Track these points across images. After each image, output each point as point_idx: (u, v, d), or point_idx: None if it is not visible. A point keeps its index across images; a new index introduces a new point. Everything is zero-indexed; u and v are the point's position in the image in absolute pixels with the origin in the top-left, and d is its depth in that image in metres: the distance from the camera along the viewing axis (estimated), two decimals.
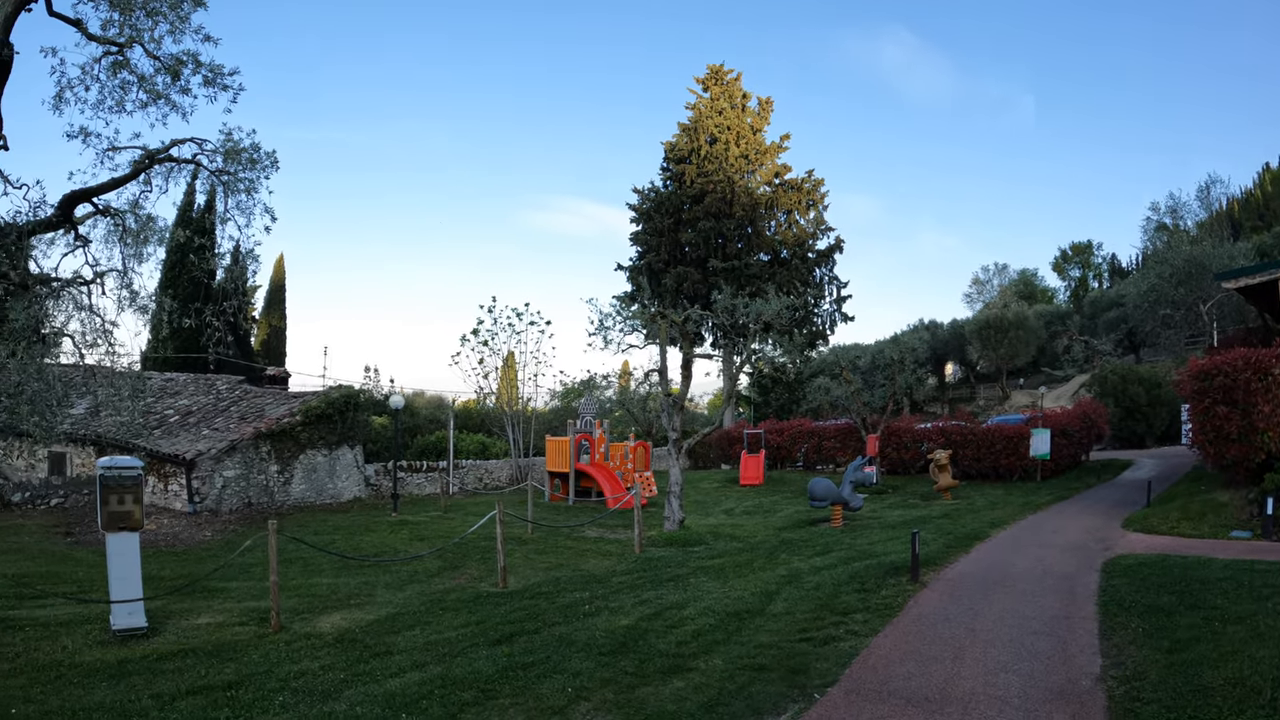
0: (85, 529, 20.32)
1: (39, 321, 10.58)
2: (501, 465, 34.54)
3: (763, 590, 12.35)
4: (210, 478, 22.51)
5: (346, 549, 17.03)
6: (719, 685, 8.04)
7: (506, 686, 8.12)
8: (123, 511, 10.81)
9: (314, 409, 25.50)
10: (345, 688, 8.32)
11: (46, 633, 10.88)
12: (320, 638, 10.42)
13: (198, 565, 16.08)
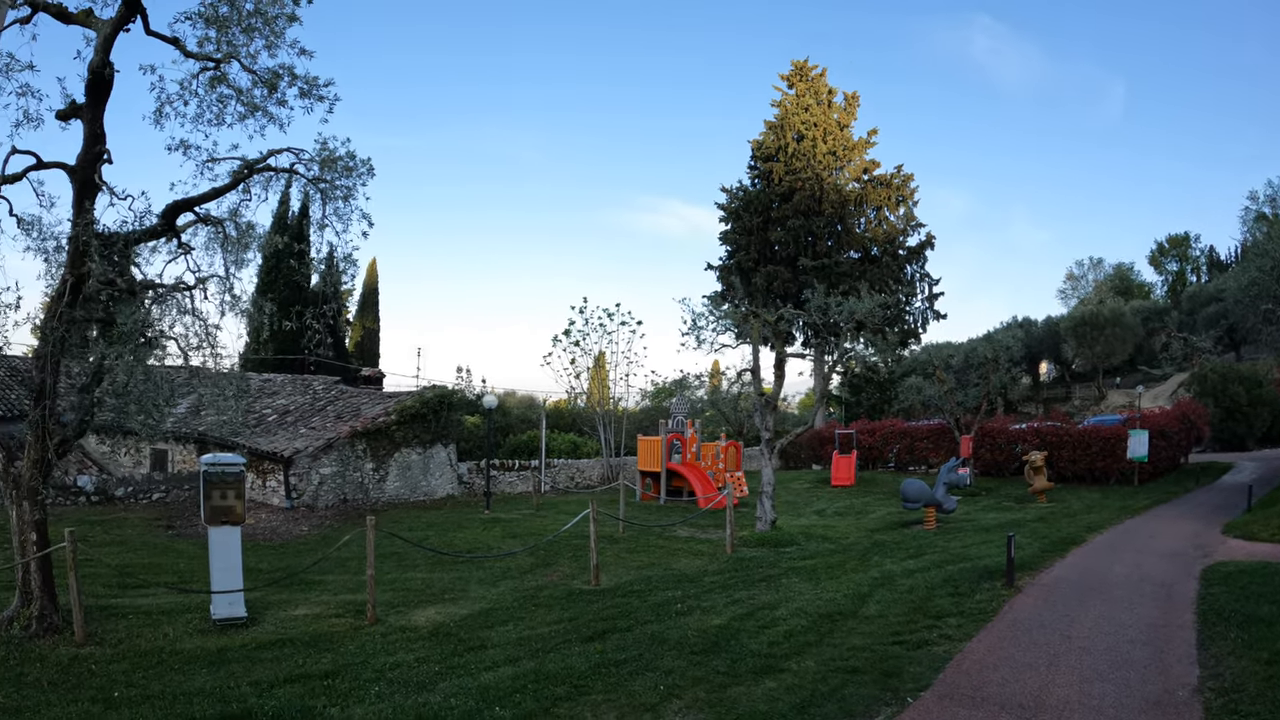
0: (185, 522, 20.91)
1: (145, 325, 10.89)
2: (593, 464, 34.61)
3: (855, 592, 12.26)
4: (307, 474, 23.02)
5: (439, 545, 17.25)
6: (811, 687, 8.00)
7: (599, 683, 8.16)
8: (225, 506, 11.17)
9: (409, 408, 25.93)
10: (440, 680, 8.44)
11: (149, 620, 11.24)
12: (415, 631, 10.58)
13: (295, 559, 16.49)
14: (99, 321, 10.95)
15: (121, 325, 10.75)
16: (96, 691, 8.41)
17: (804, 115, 49.29)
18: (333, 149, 11.45)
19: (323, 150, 11.44)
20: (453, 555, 15.99)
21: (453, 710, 7.51)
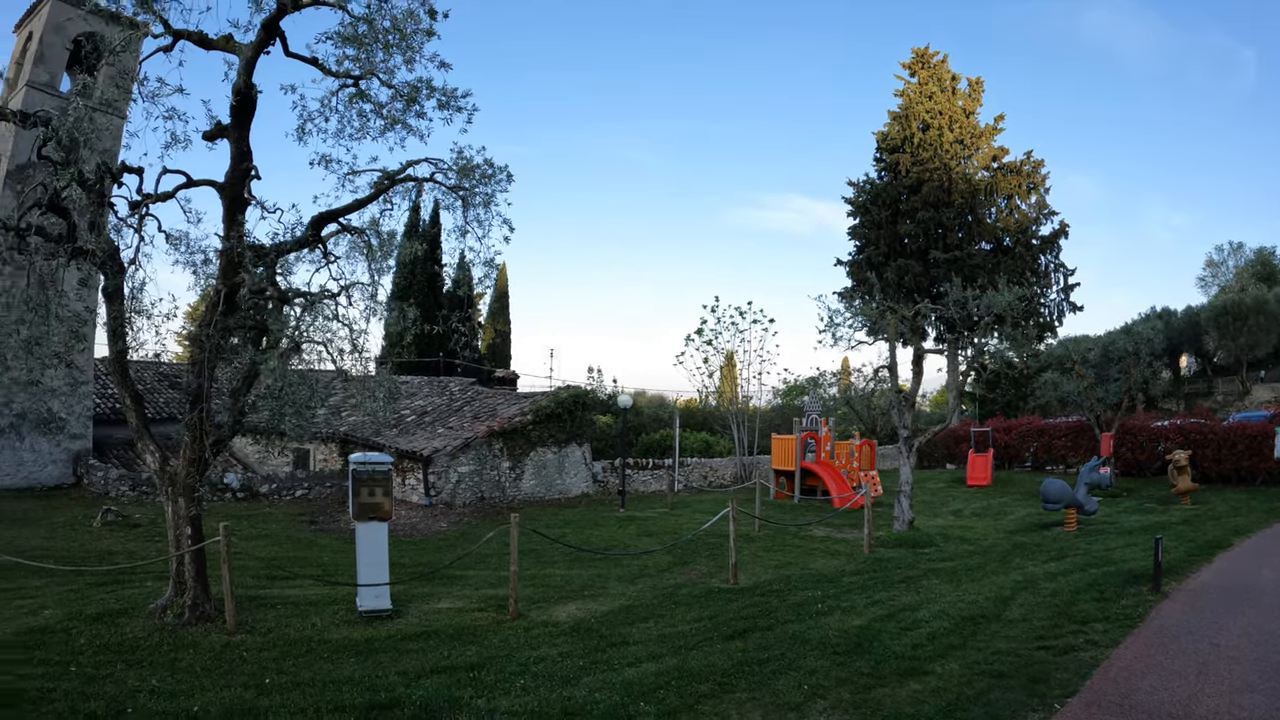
0: (328, 518, 21.62)
1: (295, 331, 11.34)
2: (725, 463, 34.51)
3: (997, 595, 12.07)
4: (445, 473, 23.59)
5: (576, 543, 17.45)
6: (956, 690, 7.90)
7: (742, 681, 8.17)
8: (373, 503, 11.53)
9: (544, 408, 26.41)
10: (584, 674, 8.55)
11: (296, 611, 11.63)
12: (557, 626, 10.74)
13: (435, 554, 16.90)
14: (251, 329, 11.43)
15: (275, 332, 11.23)
16: (249, 677, 8.76)
17: (928, 104, 48.24)
18: (469, 157, 11.69)
19: (459, 159, 11.70)
20: (590, 552, 16.18)
21: (598, 705, 7.60)
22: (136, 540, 18.36)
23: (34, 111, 11.03)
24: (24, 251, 11.03)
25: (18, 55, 27.63)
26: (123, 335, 11.19)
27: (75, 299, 14.14)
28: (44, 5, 26.23)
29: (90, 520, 20.25)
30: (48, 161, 11.11)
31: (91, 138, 11.28)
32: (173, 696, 8.12)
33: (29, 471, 25.93)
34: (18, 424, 25.64)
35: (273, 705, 7.83)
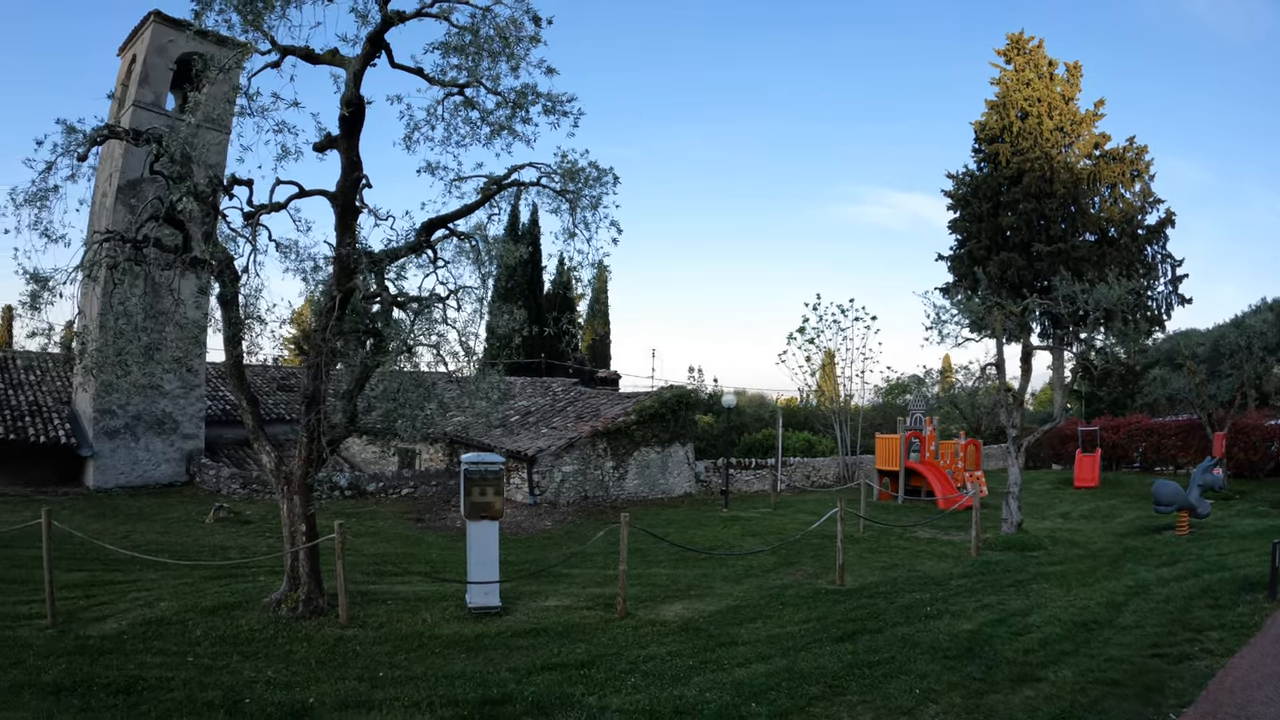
0: (434, 516, 21.97)
1: (407, 335, 11.58)
2: (828, 463, 34.14)
3: (1109, 601, 11.84)
4: (550, 472, 23.80)
5: (680, 542, 17.40)
6: (1070, 698, 7.80)
7: (853, 684, 8.13)
8: (484, 502, 11.68)
9: (647, 408, 26.46)
10: (693, 674, 8.57)
11: (407, 606, 11.82)
12: (664, 625, 10.75)
13: (540, 552, 17.07)
14: (364, 333, 11.70)
15: (386, 335, 11.47)
16: (362, 670, 8.96)
17: (1025, 91, 46.61)
18: (573, 161, 11.77)
19: (563, 162, 11.77)
20: (695, 552, 16.15)
21: (708, 704, 7.63)
22: (248, 536, 18.90)
23: (145, 129, 11.40)
24: (141, 262, 11.43)
25: (123, 77, 28.89)
26: (238, 341, 11.55)
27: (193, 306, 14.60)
28: (146, 29, 27.40)
29: (203, 516, 20.90)
30: (160, 176, 11.48)
31: (202, 153, 11.69)
32: (288, 687, 8.35)
33: (144, 470, 26.91)
34: (133, 425, 26.68)
35: (386, 698, 8.01)
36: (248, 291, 11.78)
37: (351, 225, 11.33)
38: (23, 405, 27.46)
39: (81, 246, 11.17)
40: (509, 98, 11.27)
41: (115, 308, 11.29)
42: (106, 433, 26.31)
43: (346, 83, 10.92)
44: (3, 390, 28.45)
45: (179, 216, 11.26)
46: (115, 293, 11.33)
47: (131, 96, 26.66)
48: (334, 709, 7.75)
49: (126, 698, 8.03)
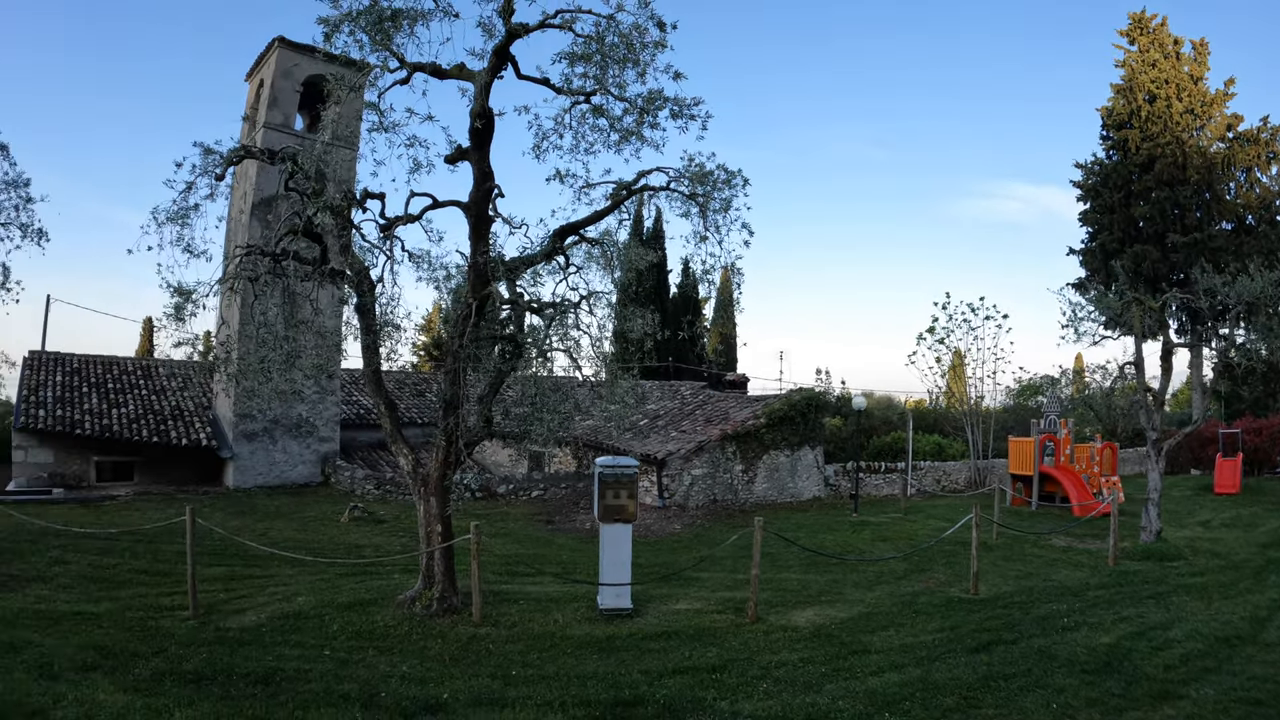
0: (564, 518, 22.19)
1: (542, 339, 11.76)
2: (959, 467, 33.29)
3: (1252, 615, 11.40)
4: (679, 476, 23.83)
5: (810, 547, 17.19)
6: (1211, 717, 7.56)
7: (988, 696, 7.97)
8: (618, 505, 11.78)
9: (776, 411, 26.22)
10: (825, 681, 8.50)
11: (538, 607, 12.01)
12: (796, 631, 10.68)
13: (670, 555, 17.09)
14: (500, 338, 11.92)
15: (521, 341, 11.68)
16: (495, 668, 9.13)
17: (1152, 73, 44.11)
18: (701, 164, 11.77)
19: (690, 165, 11.78)
20: (826, 557, 15.97)
21: (841, 713, 7.58)
22: (382, 535, 19.38)
23: (279, 149, 11.87)
24: (280, 275, 11.86)
25: (252, 100, 30.33)
26: (376, 349, 11.90)
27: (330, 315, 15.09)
28: (271, 55, 28.67)
29: (338, 516, 21.48)
30: (295, 193, 11.91)
31: (334, 169, 12.08)
32: (422, 683, 8.56)
33: (281, 471, 27.91)
34: (271, 428, 27.78)
35: (519, 696, 8.13)
36: (384, 300, 12.13)
37: (485, 234, 11.58)
38: (166, 410, 28.79)
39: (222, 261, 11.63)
40: (636, 104, 11.33)
41: (257, 318, 11.75)
42: (245, 435, 27.39)
43: (475, 96, 11.16)
44: (147, 396, 29.90)
45: (316, 230, 11.64)
46: (256, 304, 11.79)
47: (262, 119, 27.98)
48: (467, 705, 7.90)
49: (265, 687, 8.33)
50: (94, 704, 7.70)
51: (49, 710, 7.50)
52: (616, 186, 12.11)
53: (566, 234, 12.05)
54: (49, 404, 27.54)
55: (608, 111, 11.47)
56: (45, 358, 31.44)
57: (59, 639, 9.99)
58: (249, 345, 12.01)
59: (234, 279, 11.90)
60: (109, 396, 29.11)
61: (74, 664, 8.94)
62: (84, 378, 30.39)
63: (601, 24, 10.90)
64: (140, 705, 7.71)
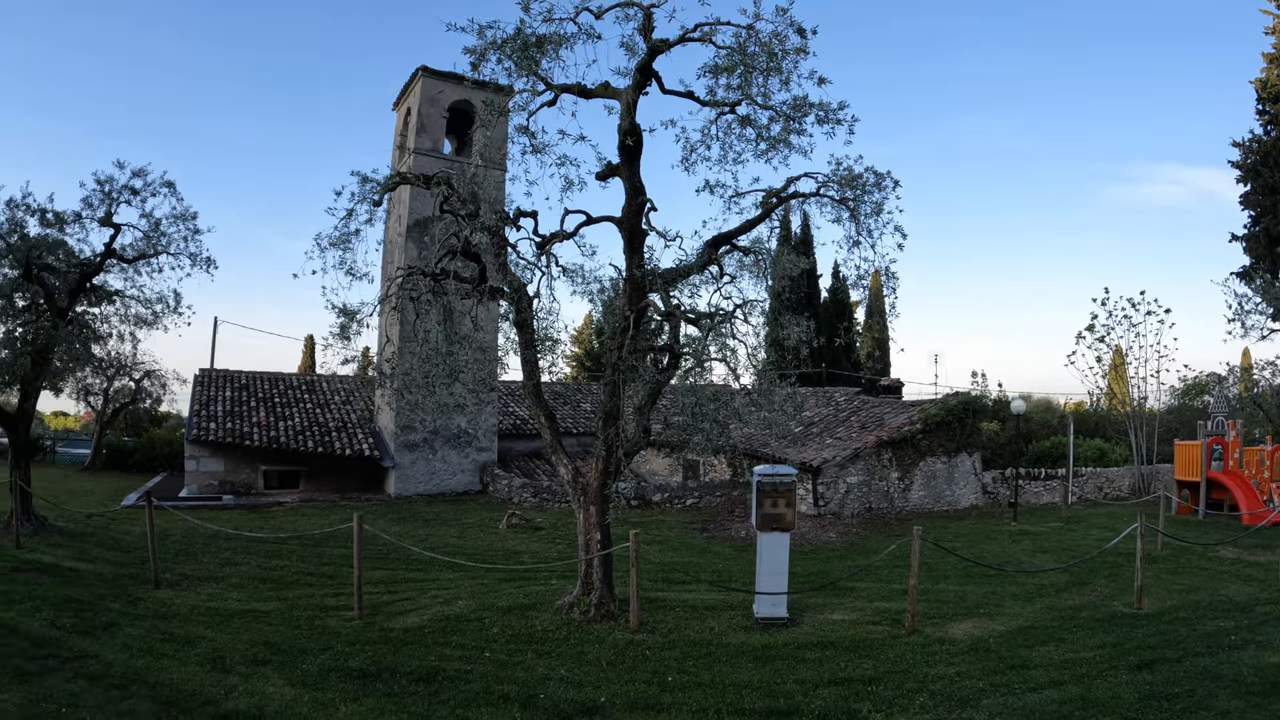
0: (718, 526, 22.26)
1: (702, 349, 11.91)
2: (1121, 473, 31.73)
3: None
4: (834, 483, 23.66)
5: (968, 557, 16.70)
6: None
7: (1149, 717, 7.73)
8: (776, 514, 11.80)
9: (933, 417, 25.76)
10: (983, 696, 8.38)
11: (694, 614, 12.13)
12: (953, 644, 10.53)
13: (825, 564, 16.99)
14: (658, 349, 12.14)
15: (678, 351, 11.86)
16: (651, 674, 9.28)
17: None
18: (849, 167, 11.71)
19: (839, 170, 11.74)
20: (984, 568, 15.61)
21: None
22: (539, 542, 19.82)
23: (433, 174, 12.32)
24: (440, 293, 12.32)
25: (400, 128, 31.88)
26: (535, 363, 12.28)
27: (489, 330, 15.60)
28: (415, 84, 30.11)
29: (496, 523, 22.06)
30: (450, 215, 12.37)
31: (486, 190, 12.50)
32: (579, 686, 8.79)
33: (440, 479, 28.93)
34: (431, 439, 28.97)
35: (674, 702, 8.29)
36: (541, 315, 12.49)
37: (640, 247, 11.84)
38: (330, 423, 30.33)
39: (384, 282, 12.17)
40: (782, 111, 11.37)
41: (420, 334, 12.23)
42: (407, 446, 28.51)
43: (622, 114, 11.42)
44: (312, 409, 31.54)
45: (474, 250, 12.06)
46: (417, 322, 12.28)
47: (411, 144, 29.41)
48: (624, 710, 8.10)
49: (427, 686, 8.70)
50: (263, 696, 8.19)
51: (221, 700, 8.00)
52: (766, 194, 12.19)
53: (719, 244, 12.19)
54: (219, 417, 29.32)
55: (754, 120, 11.54)
56: (215, 375, 33.54)
57: (230, 635, 10.67)
58: (412, 361, 12.51)
59: (396, 298, 12.43)
60: (276, 410, 30.86)
61: (245, 658, 9.55)
62: (252, 393, 32.24)
63: (741, 34, 11.01)
64: (308, 699, 8.18)
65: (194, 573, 14.99)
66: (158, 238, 18.61)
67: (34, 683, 8.11)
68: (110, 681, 8.34)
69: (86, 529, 19.65)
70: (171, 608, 12.20)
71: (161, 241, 18.65)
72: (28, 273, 17.32)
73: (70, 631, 10.26)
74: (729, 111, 11.58)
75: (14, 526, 16.94)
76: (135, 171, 18.19)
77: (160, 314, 19.46)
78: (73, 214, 18.02)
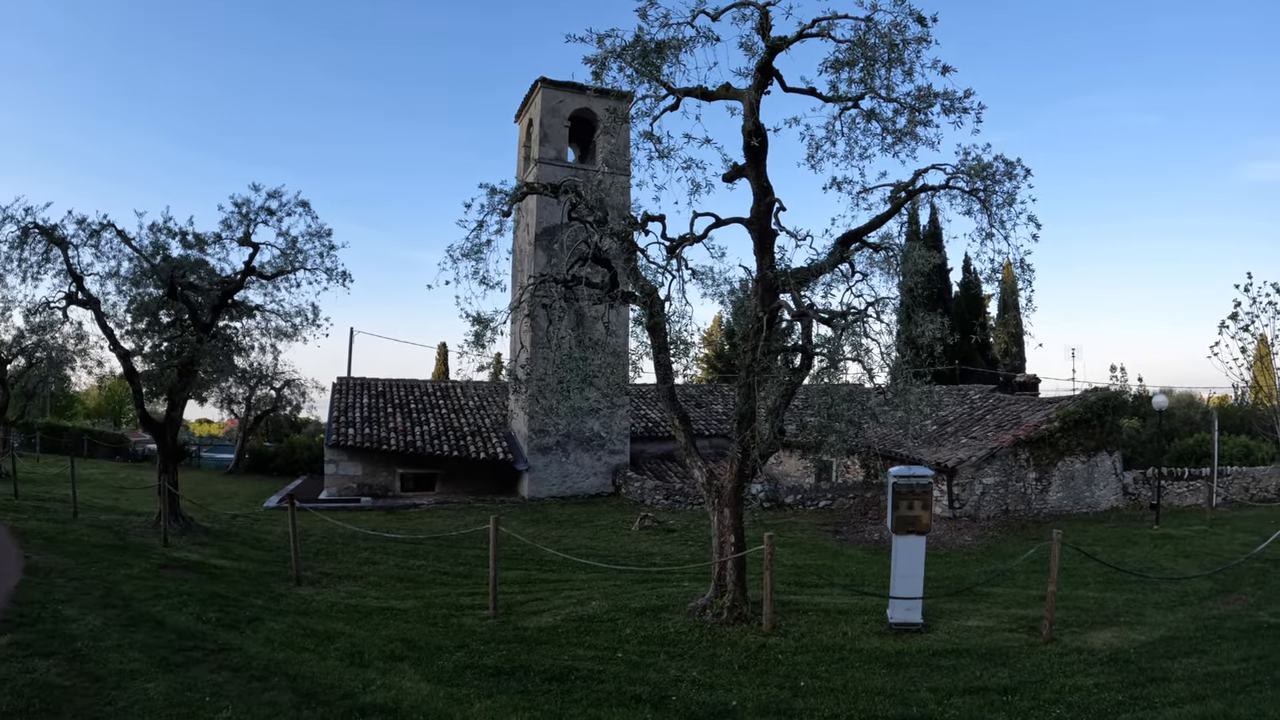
0: (851, 529, 22.05)
1: (836, 349, 11.83)
2: (1268, 472, 29.95)
3: None
4: (970, 485, 23.13)
5: (1108, 561, 16.12)
6: None
7: None
8: (912, 516, 11.56)
9: (1071, 414, 24.79)
10: (1121, 710, 8.13)
11: (826, 618, 11.99)
12: (1092, 653, 10.19)
13: (961, 568, 16.70)
14: (791, 350, 12.11)
15: (810, 351, 11.81)
16: (783, 679, 9.25)
17: None
18: (977, 157, 11.46)
19: (967, 159, 11.51)
20: (1125, 573, 15.01)
21: None
22: (671, 544, 19.92)
23: (560, 183, 12.58)
24: (572, 300, 12.51)
25: (523, 139, 32.77)
26: (669, 366, 12.38)
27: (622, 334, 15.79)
28: (536, 95, 30.77)
29: (629, 525, 22.24)
30: (579, 222, 12.56)
31: (614, 196, 12.65)
32: (711, 689, 8.82)
33: (573, 482, 29.39)
34: (564, 442, 29.51)
35: (806, 708, 8.26)
36: (673, 318, 12.56)
37: (770, 248, 11.85)
38: (464, 427, 31.25)
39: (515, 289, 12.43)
40: (906, 103, 11.24)
41: (553, 340, 12.45)
42: (540, 449, 29.04)
43: (745, 114, 11.44)
44: (446, 415, 32.55)
45: (604, 256, 12.21)
46: (550, 328, 12.49)
47: (535, 154, 30.07)
48: (755, 713, 8.09)
49: (560, 685, 8.84)
50: (400, 690, 8.43)
51: (359, 694, 8.25)
52: (894, 188, 12.04)
53: (850, 241, 12.11)
54: (357, 423, 30.47)
55: (879, 114, 11.43)
56: (352, 382, 34.88)
57: (368, 631, 11.01)
58: (545, 366, 12.72)
59: (530, 306, 12.67)
60: (412, 415, 31.95)
61: (382, 654, 9.84)
62: (388, 399, 33.41)
63: (860, 27, 10.96)
64: (443, 694, 8.38)
65: (333, 571, 15.53)
66: (295, 254, 19.47)
67: (179, 673, 8.47)
68: (252, 673, 8.68)
69: (230, 529, 20.62)
70: (311, 604, 12.68)
71: (298, 258, 19.51)
72: (172, 291, 18.40)
73: (215, 625, 10.68)
74: (852, 106, 11.51)
75: (162, 526, 18.02)
76: (271, 193, 19.08)
77: (299, 326, 20.42)
78: (213, 235, 18.98)
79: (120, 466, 43.92)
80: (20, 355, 29.26)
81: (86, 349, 28.22)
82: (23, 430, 41.19)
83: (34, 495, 23.28)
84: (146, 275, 18.34)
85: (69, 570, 13.17)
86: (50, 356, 27.32)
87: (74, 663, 8.41)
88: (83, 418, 68.52)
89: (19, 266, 17.84)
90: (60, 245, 18.05)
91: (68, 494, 21.91)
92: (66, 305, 19.17)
